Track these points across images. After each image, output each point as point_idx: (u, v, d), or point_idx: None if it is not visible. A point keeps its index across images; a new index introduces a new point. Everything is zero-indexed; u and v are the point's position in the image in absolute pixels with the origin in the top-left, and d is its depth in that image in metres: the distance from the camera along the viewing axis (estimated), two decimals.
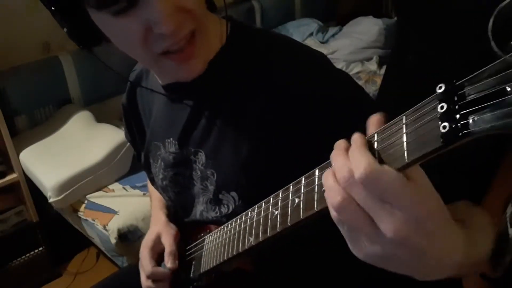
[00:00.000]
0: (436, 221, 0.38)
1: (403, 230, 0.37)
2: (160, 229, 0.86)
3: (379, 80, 2.42)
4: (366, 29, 2.72)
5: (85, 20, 0.57)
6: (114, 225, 1.65)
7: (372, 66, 2.59)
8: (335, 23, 3.08)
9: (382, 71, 2.52)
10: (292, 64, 0.67)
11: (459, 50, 1.31)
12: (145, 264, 0.83)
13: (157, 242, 0.85)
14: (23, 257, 1.93)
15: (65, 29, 0.61)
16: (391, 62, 2.11)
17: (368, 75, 2.52)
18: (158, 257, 0.85)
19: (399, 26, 2.36)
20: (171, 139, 0.78)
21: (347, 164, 0.39)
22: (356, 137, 0.40)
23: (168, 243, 0.83)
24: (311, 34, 2.87)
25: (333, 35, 2.87)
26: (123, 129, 0.97)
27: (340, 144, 0.42)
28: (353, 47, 2.68)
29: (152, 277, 0.82)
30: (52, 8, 0.58)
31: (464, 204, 0.55)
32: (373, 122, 0.41)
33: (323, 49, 2.65)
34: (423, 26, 1.52)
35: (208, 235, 0.77)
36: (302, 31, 2.87)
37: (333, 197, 0.40)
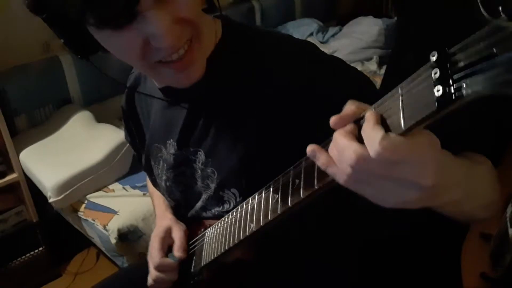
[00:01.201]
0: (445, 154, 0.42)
1: (437, 175, 0.39)
2: (170, 224, 0.87)
3: (379, 80, 2.42)
4: (366, 29, 2.72)
5: (83, 33, 0.57)
6: (114, 225, 1.65)
7: (372, 66, 2.59)
8: (335, 23, 3.08)
9: (382, 71, 2.52)
10: (288, 59, 0.67)
11: None
12: (154, 255, 0.84)
13: (168, 234, 0.86)
14: (23, 257, 1.93)
15: (62, 41, 0.61)
16: (391, 62, 2.11)
17: (368, 75, 2.50)
18: (167, 248, 0.85)
19: (399, 26, 2.36)
20: (171, 140, 0.78)
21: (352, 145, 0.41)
22: (369, 115, 0.42)
23: (178, 236, 0.84)
24: (311, 34, 2.87)
25: (333, 35, 2.87)
26: (123, 129, 0.97)
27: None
28: (353, 47, 2.68)
29: (159, 268, 0.82)
30: (50, 23, 0.57)
31: (470, 152, 0.58)
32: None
33: (323, 49, 2.64)
34: (423, 26, 1.52)
35: (209, 229, 0.77)
36: (302, 31, 2.87)
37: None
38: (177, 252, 0.82)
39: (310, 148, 0.46)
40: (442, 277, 0.65)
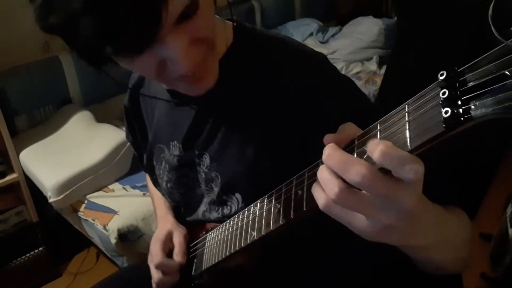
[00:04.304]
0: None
1: (417, 203, 0.40)
2: (171, 228, 0.87)
3: (379, 80, 2.42)
4: (366, 29, 2.72)
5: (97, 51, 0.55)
6: (114, 225, 1.64)
7: (372, 66, 2.59)
8: (335, 23, 3.08)
9: (382, 71, 2.52)
10: (297, 66, 0.67)
11: (459, 49, 1.31)
12: (155, 255, 0.84)
13: (169, 238, 0.86)
14: (23, 257, 1.93)
15: (75, 53, 0.60)
16: (391, 62, 2.12)
17: (368, 75, 2.52)
18: (168, 253, 0.85)
19: (399, 26, 2.36)
20: (175, 142, 0.78)
21: (350, 162, 0.39)
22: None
23: (178, 241, 0.84)
24: (311, 34, 2.87)
25: (333, 35, 2.87)
26: (123, 129, 0.97)
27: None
28: (353, 47, 2.68)
29: (160, 267, 0.82)
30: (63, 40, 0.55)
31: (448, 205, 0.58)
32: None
33: (323, 49, 2.65)
34: (423, 26, 1.52)
35: (210, 233, 0.77)
36: (302, 31, 2.87)
37: (330, 188, 0.41)
38: (176, 256, 0.82)
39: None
40: (442, 276, 0.65)
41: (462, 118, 0.33)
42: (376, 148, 0.37)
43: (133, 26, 0.47)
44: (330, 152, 0.41)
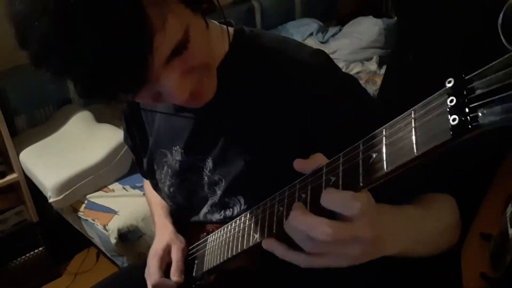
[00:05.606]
0: (382, 211, 0.47)
1: (375, 228, 0.45)
2: (170, 240, 0.85)
3: (379, 80, 2.42)
4: (366, 29, 2.71)
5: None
6: (114, 225, 1.65)
7: (372, 66, 2.59)
8: (335, 23, 3.08)
9: (382, 71, 2.52)
10: (297, 68, 0.67)
11: (460, 50, 1.31)
12: (153, 273, 0.83)
13: (167, 252, 0.84)
14: (23, 257, 1.93)
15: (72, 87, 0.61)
16: (391, 62, 2.11)
17: (368, 75, 2.52)
18: (166, 267, 0.84)
19: (399, 26, 2.36)
20: (178, 147, 0.78)
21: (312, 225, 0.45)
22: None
23: (176, 257, 0.82)
24: (311, 34, 2.87)
25: (333, 35, 2.87)
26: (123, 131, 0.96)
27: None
28: (353, 47, 2.68)
29: (157, 287, 0.82)
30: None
31: (429, 195, 0.61)
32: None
33: (323, 49, 2.64)
34: (423, 26, 1.52)
35: (211, 234, 0.77)
36: (302, 31, 2.87)
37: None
38: (173, 276, 0.80)
39: (267, 242, 0.52)
40: (442, 277, 0.65)
41: (469, 126, 0.33)
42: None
43: (121, 76, 0.48)
44: (294, 216, 0.48)
